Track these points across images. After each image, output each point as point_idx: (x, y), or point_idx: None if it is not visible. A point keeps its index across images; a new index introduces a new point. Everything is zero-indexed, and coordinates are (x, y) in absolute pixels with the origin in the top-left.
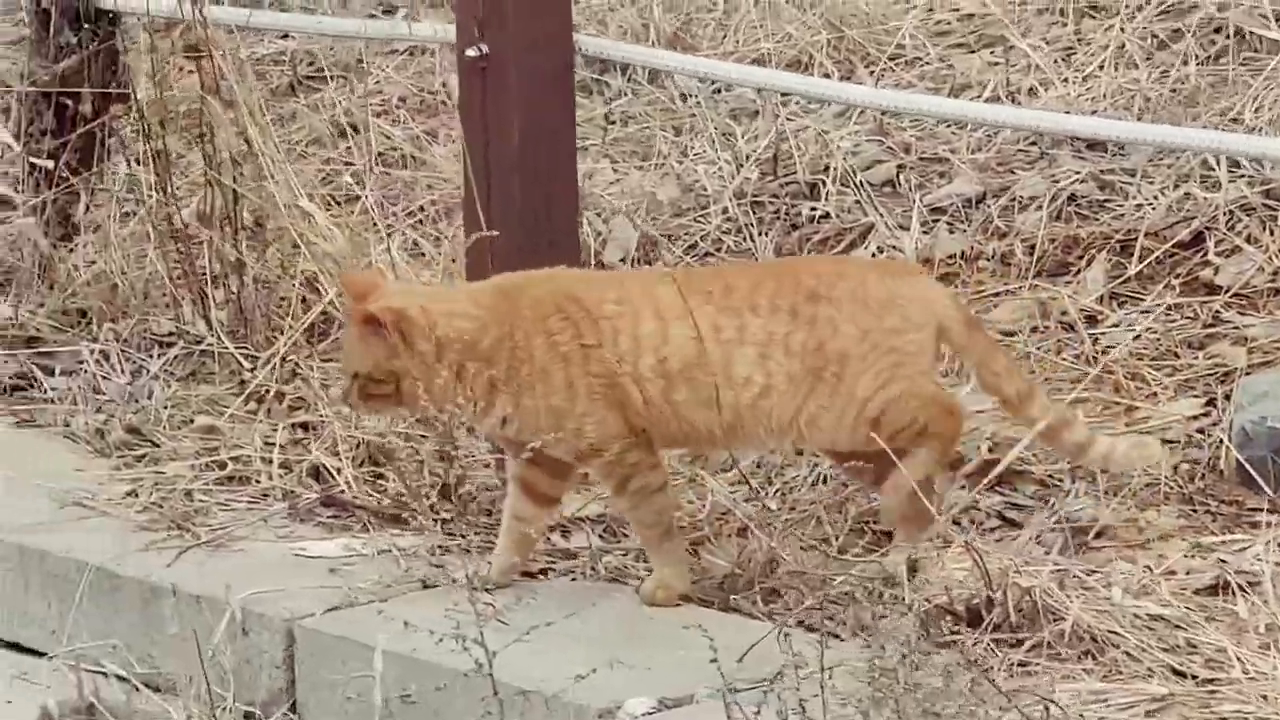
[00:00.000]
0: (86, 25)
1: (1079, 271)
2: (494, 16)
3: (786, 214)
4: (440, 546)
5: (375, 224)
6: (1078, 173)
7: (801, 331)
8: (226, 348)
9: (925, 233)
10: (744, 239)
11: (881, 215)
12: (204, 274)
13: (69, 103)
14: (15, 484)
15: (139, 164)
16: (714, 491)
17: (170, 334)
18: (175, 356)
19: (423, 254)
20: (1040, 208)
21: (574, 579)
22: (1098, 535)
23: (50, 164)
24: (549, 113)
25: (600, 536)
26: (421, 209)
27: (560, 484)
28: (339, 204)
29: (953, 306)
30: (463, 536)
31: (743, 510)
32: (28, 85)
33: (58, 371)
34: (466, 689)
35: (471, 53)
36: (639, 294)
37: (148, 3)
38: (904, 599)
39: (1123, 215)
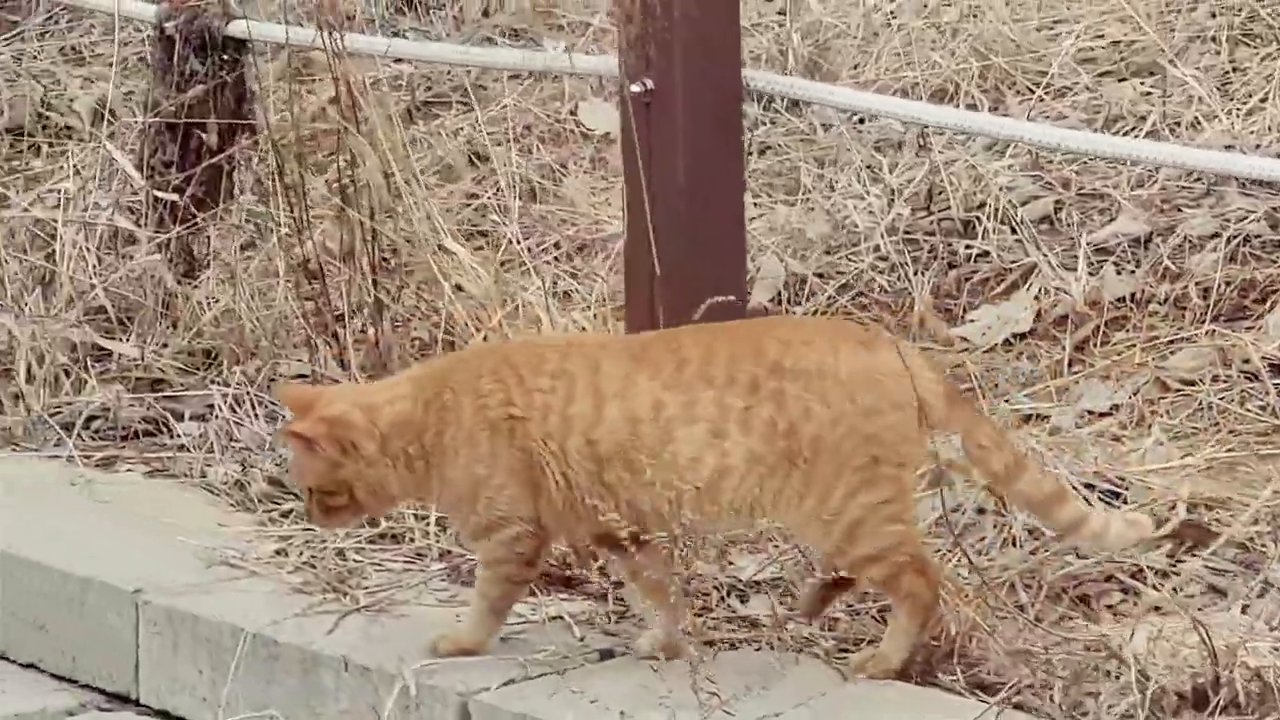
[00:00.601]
0: (213, 53)
1: (1259, 316)
2: (661, 51)
3: (942, 253)
4: (614, 613)
5: (522, 262)
6: (1251, 211)
7: (768, 408)
8: None
9: (1091, 274)
10: (898, 278)
11: (1044, 255)
12: (339, 313)
13: (195, 133)
14: (157, 541)
15: (267, 198)
16: None
17: (300, 376)
18: None
19: (569, 294)
20: (1216, 249)
21: (758, 649)
22: None
23: (175, 197)
24: (716, 151)
25: (781, 602)
26: (557, 245)
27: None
28: (474, 238)
29: (933, 379)
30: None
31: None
32: (151, 115)
33: (187, 416)
34: None
35: (636, 88)
36: (579, 366)
37: (285, 31)
38: (1124, 677)
39: None
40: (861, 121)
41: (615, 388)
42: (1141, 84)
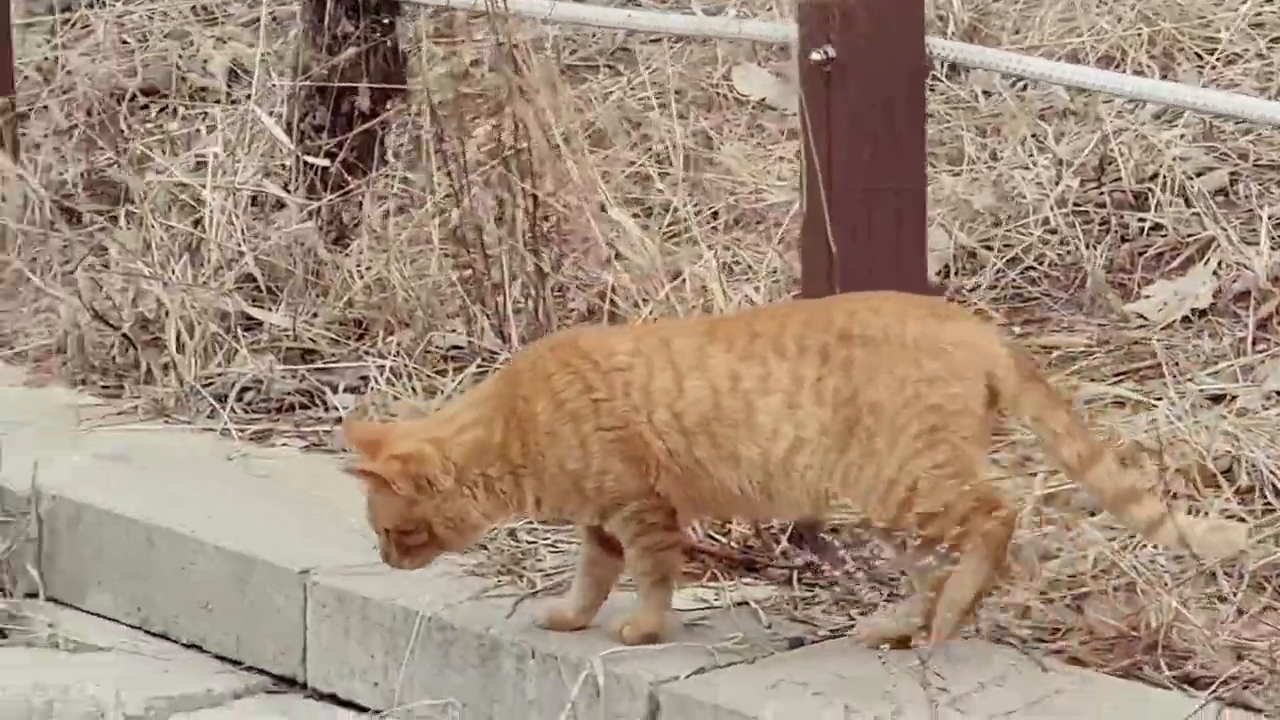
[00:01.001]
0: (366, 15)
1: None
2: (844, 17)
3: (1114, 225)
4: (800, 599)
5: (683, 231)
6: None
7: (836, 377)
8: None
9: (1273, 248)
10: (1069, 252)
11: (1223, 228)
12: (496, 282)
13: (346, 97)
14: (320, 519)
15: (419, 163)
16: (1093, 542)
17: (455, 347)
18: (474, 375)
19: (732, 266)
20: None
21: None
22: None
23: (326, 163)
24: (899, 122)
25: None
26: (715, 214)
27: None
28: (628, 206)
29: (1006, 354)
30: (821, 587)
31: (1128, 563)
32: (301, 78)
33: (342, 388)
34: None
35: (816, 56)
36: (652, 345)
37: None
38: None
39: None
40: (1024, 89)
41: (691, 361)
42: None
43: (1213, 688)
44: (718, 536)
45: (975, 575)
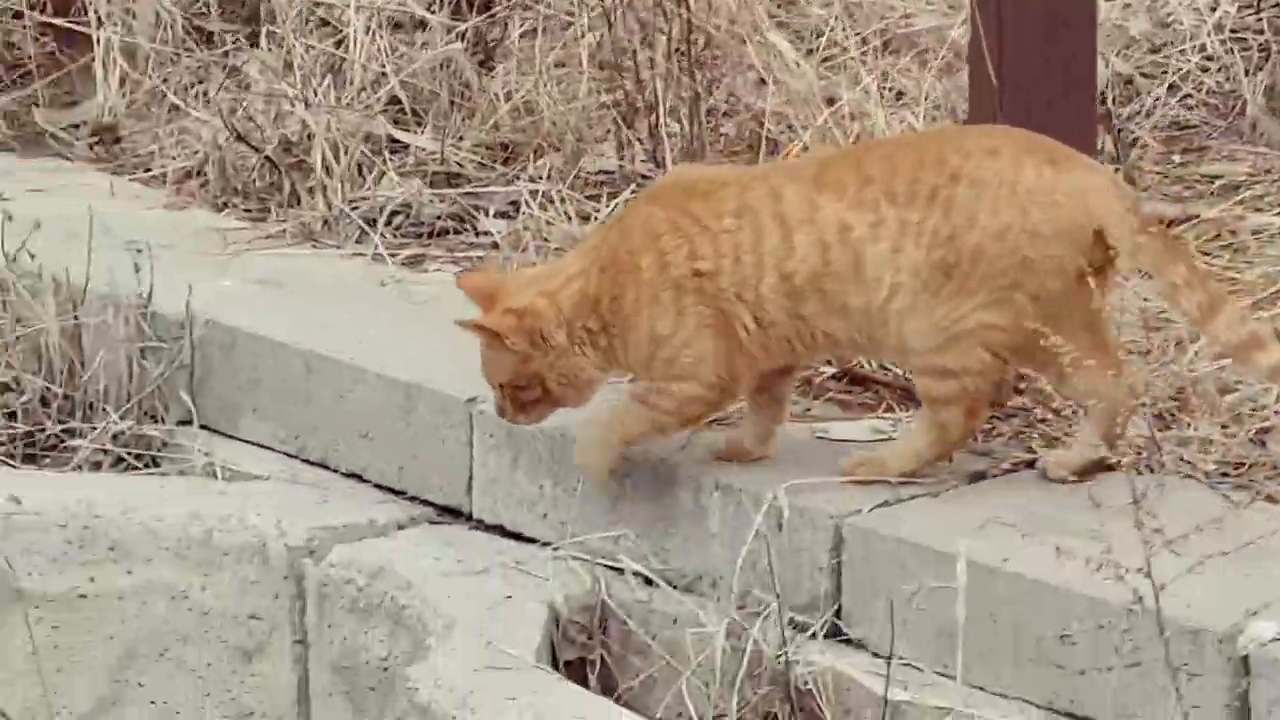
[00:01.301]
0: None
1: None
2: None
3: (1273, 53)
4: (979, 431)
5: (834, 56)
6: None
7: (936, 217)
8: None
9: None
10: (1227, 79)
11: None
12: (650, 105)
13: None
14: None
15: None
16: None
17: (606, 172)
18: (623, 199)
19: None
20: None
21: (1139, 472)
22: None
23: None
24: None
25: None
26: (864, 40)
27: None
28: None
29: (1117, 200)
30: (998, 419)
31: None
32: None
33: (492, 213)
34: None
35: None
36: (760, 198)
37: None
38: None
39: None
40: None
41: (801, 214)
42: None
43: None
44: (891, 366)
45: (914, 454)
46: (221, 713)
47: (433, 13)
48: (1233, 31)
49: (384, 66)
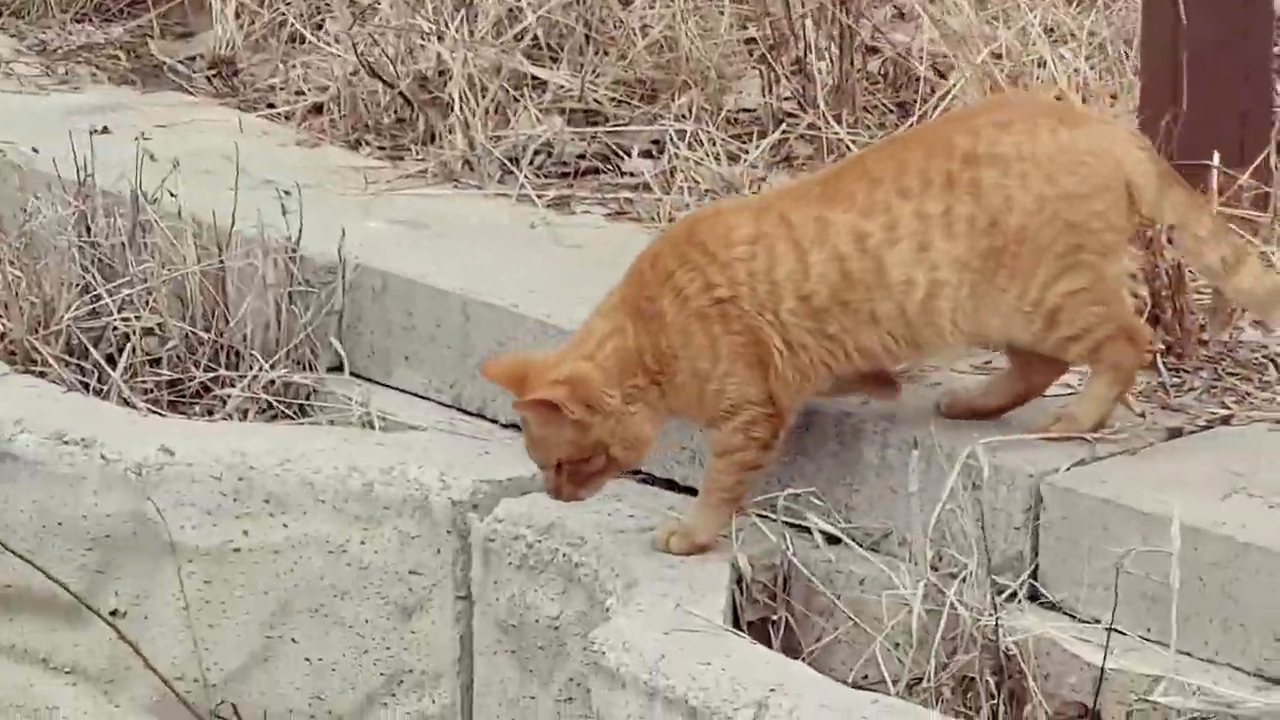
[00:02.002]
0: None
1: None
2: None
3: None
4: (1170, 385)
5: None
6: None
7: (965, 204)
8: (833, 131)
9: None
10: None
11: None
12: (798, 40)
13: None
14: None
15: None
16: None
17: (747, 110)
18: (776, 141)
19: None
20: None
21: None
22: None
23: None
24: None
25: None
26: None
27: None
28: None
29: (1144, 158)
30: (1187, 372)
31: None
32: None
33: (636, 152)
34: None
35: None
36: (773, 223)
37: None
38: None
39: None
40: None
41: (812, 234)
42: None
43: None
44: None
45: (1098, 402)
46: (379, 670)
47: None
48: None
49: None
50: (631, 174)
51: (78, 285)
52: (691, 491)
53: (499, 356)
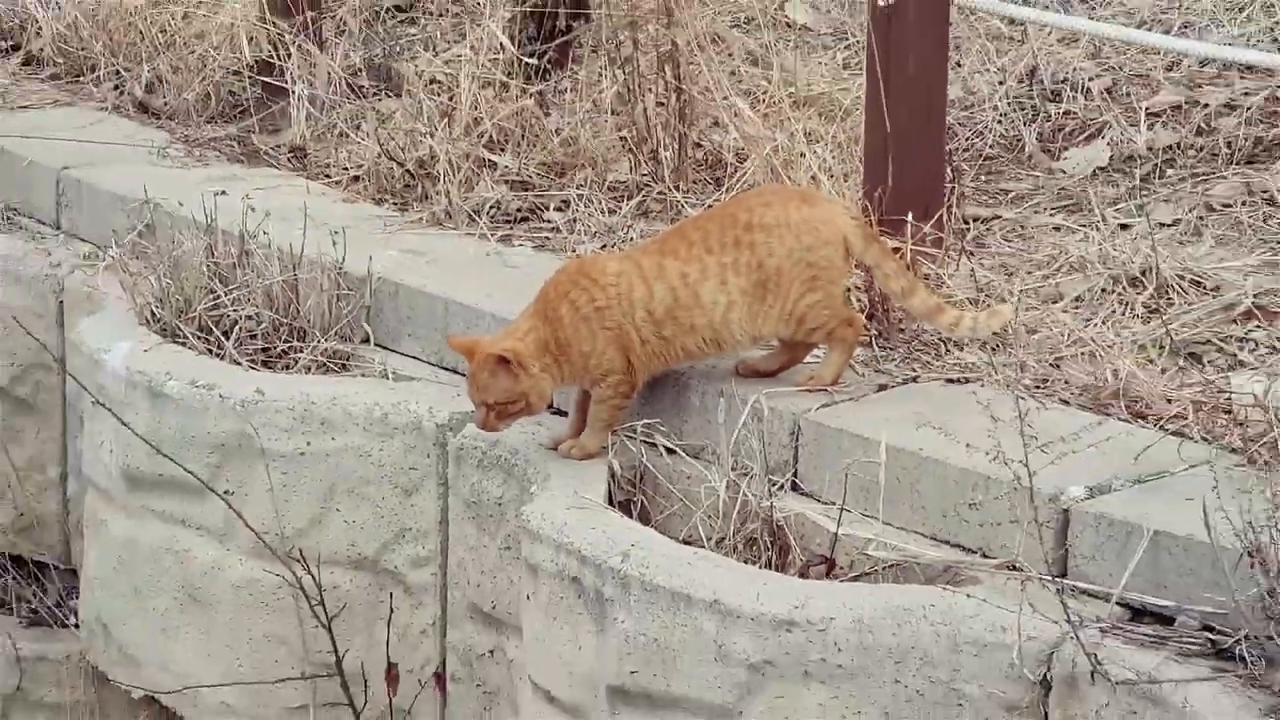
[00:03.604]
0: None
1: (1271, 160)
2: None
3: (1041, 112)
4: (879, 356)
5: (769, 113)
6: (1247, 91)
7: (745, 255)
8: (675, 196)
9: (1149, 128)
10: (1011, 127)
11: (1113, 114)
12: (653, 139)
13: (549, 18)
14: None
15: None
16: (1063, 324)
17: (621, 182)
18: (638, 201)
19: (813, 137)
20: (1238, 115)
21: (982, 385)
22: None
23: (533, 61)
24: (932, 46)
25: (986, 350)
26: (772, 100)
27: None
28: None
29: (854, 225)
30: (893, 348)
31: (1089, 335)
32: (521, 6)
33: (552, 208)
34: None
35: (883, 3)
36: (631, 266)
37: None
38: (1239, 414)
39: None
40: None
41: (655, 273)
42: None
43: (1162, 421)
44: None
45: (835, 365)
46: (390, 528)
47: (512, 78)
48: (1015, 98)
49: (480, 112)
50: (550, 222)
51: (206, 288)
52: None
53: (460, 335)
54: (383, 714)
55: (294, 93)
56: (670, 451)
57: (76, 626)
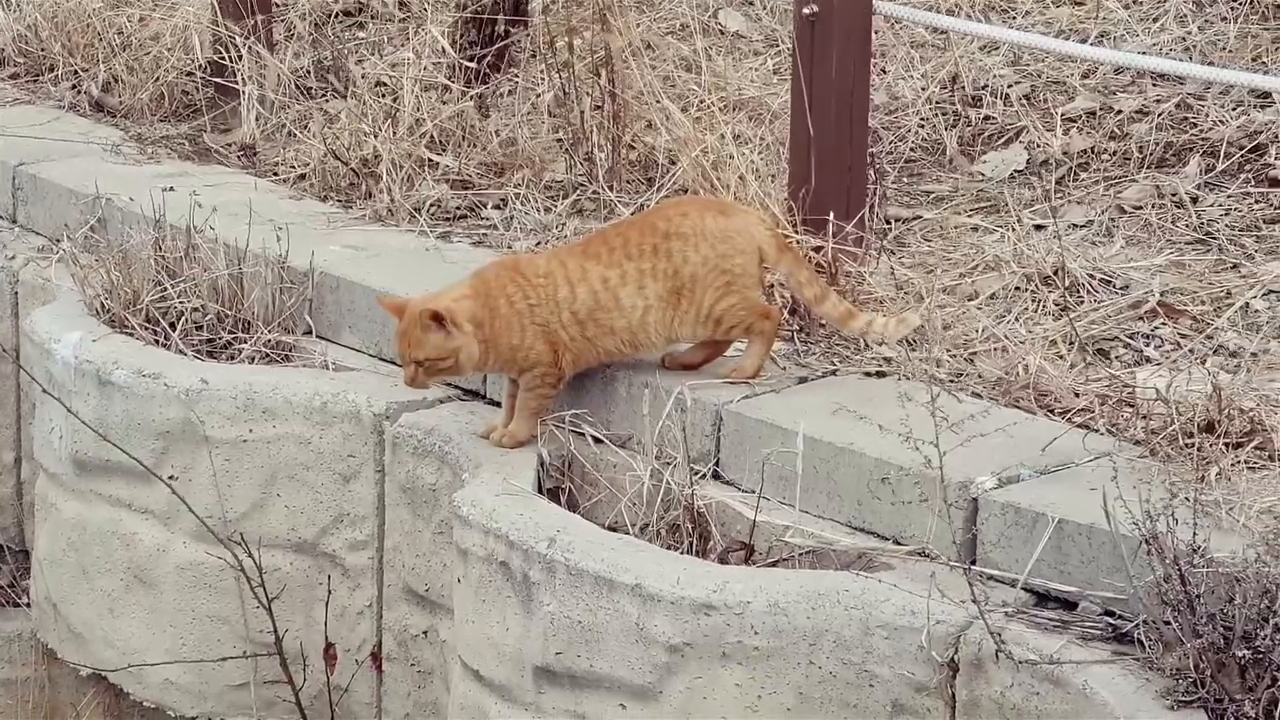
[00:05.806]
0: None
1: (1180, 164)
2: None
3: (962, 117)
4: (800, 351)
5: (702, 116)
6: (1160, 98)
7: (663, 262)
8: (608, 196)
9: (1064, 133)
10: (933, 131)
11: (1031, 120)
12: (588, 140)
13: (488, 24)
14: None
15: (531, 66)
16: (977, 320)
17: (558, 181)
18: (573, 201)
19: (742, 140)
20: (1149, 120)
21: (899, 378)
22: None
23: (474, 65)
24: (855, 53)
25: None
26: (702, 103)
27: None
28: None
29: (768, 235)
30: (814, 343)
31: (1002, 331)
32: (462, 12)
33: (490, 206)
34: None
35: (807, 11)
36: (555, 266)
37: None
38: (1146, 408)
39: (1199, 127)
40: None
41: (578, 276)
42: (1077, 6)
43: (1069, 414)
44: None
45: (757, 356)
46: (329, 513)
47: (453, 81)
48: (937, 103)
49: (423, 114)
50: (488, 219)
51: (154, 281)
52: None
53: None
54: (321, 691)
55: (244, 93)
56: (597, 441)
57: (29, 606)
